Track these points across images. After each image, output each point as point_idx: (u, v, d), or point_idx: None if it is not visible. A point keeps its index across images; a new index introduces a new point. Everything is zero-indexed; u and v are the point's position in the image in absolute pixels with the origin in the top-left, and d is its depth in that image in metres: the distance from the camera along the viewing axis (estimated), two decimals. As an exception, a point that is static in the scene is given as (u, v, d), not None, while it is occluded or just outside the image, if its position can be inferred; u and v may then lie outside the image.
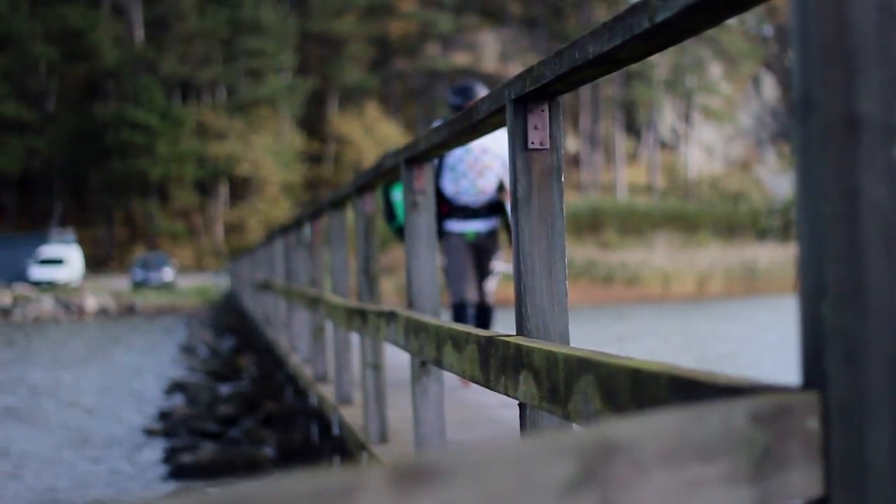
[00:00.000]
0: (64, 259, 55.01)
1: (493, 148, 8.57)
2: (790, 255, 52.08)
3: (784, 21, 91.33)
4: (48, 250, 55.52)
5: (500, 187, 8.72)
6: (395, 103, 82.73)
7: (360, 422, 6.60)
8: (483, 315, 8.80)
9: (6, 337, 32.51)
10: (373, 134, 74.13)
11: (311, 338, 9.86)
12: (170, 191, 72.83)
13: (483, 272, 8.80)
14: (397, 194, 8.74)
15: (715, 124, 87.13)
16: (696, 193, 77.01)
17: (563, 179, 3.09)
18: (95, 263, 66.88)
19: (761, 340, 23.83)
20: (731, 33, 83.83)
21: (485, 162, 8.62)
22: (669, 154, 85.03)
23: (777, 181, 78.85)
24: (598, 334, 26.19)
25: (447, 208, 8.71)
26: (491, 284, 8.83)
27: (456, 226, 8.71)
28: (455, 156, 8.60)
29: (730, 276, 50.35)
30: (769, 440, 1.45)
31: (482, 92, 8.46)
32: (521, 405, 3.00)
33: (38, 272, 53.66)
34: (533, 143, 3.04)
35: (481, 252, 8.76)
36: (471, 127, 3.62)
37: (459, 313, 8.57)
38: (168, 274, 54.54)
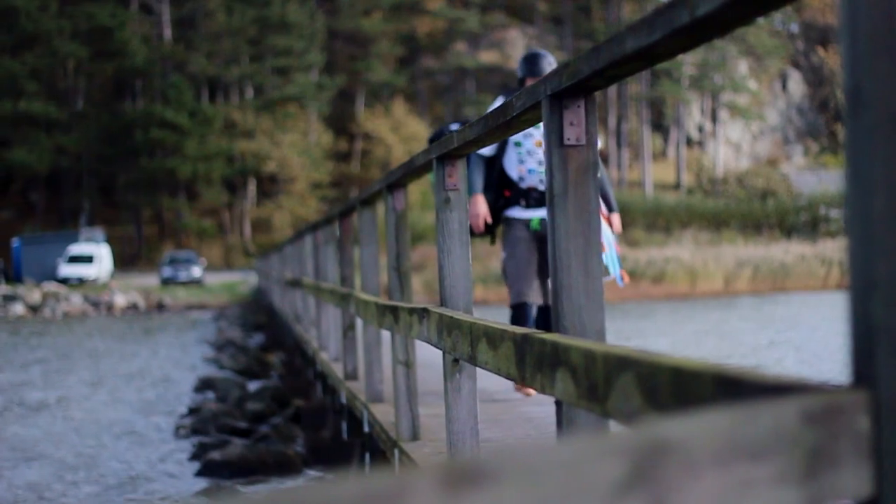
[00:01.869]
0: (93, 256, 55.23)
1: None
2: (817, 252, 51.83)
3: (811, 18, 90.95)
4: (77, 248, 55.76)
5: None
6: (422, 101, 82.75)
7: (390, 419, 6.59)
8: (549, 316, 7.61)
9: (34, 332, 32.68)
10: (400, 131, 74.15)
11: (341, 335, 9.85)
12: (198, 189, 73.09)
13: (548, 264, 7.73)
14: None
15: (742, 122, 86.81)
16: (723, 191, 76.71)
17: (598, 176, 3.07)
18: (124, 261, 67.14)
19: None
20: (758, 30, 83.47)
21: None
22: (696, 151, 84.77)
23: (804, 178, 78.39)
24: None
25: (510, 192, 7.81)
26: None
27: (519, 213, 7.77)
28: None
29: (757, 273, 50.10)
30: (819, 439, 1.43)
31: (549, 61, 7.73)
32: (557, 403, 2.98)
33: (67, 270, 53.90)
34: (569, 139, 3.02)
35: (546, 241, 7.50)
36: (506, 123, 3.60)
37: (519, 314, 7.62)
38: (196, 271, 54.79)
